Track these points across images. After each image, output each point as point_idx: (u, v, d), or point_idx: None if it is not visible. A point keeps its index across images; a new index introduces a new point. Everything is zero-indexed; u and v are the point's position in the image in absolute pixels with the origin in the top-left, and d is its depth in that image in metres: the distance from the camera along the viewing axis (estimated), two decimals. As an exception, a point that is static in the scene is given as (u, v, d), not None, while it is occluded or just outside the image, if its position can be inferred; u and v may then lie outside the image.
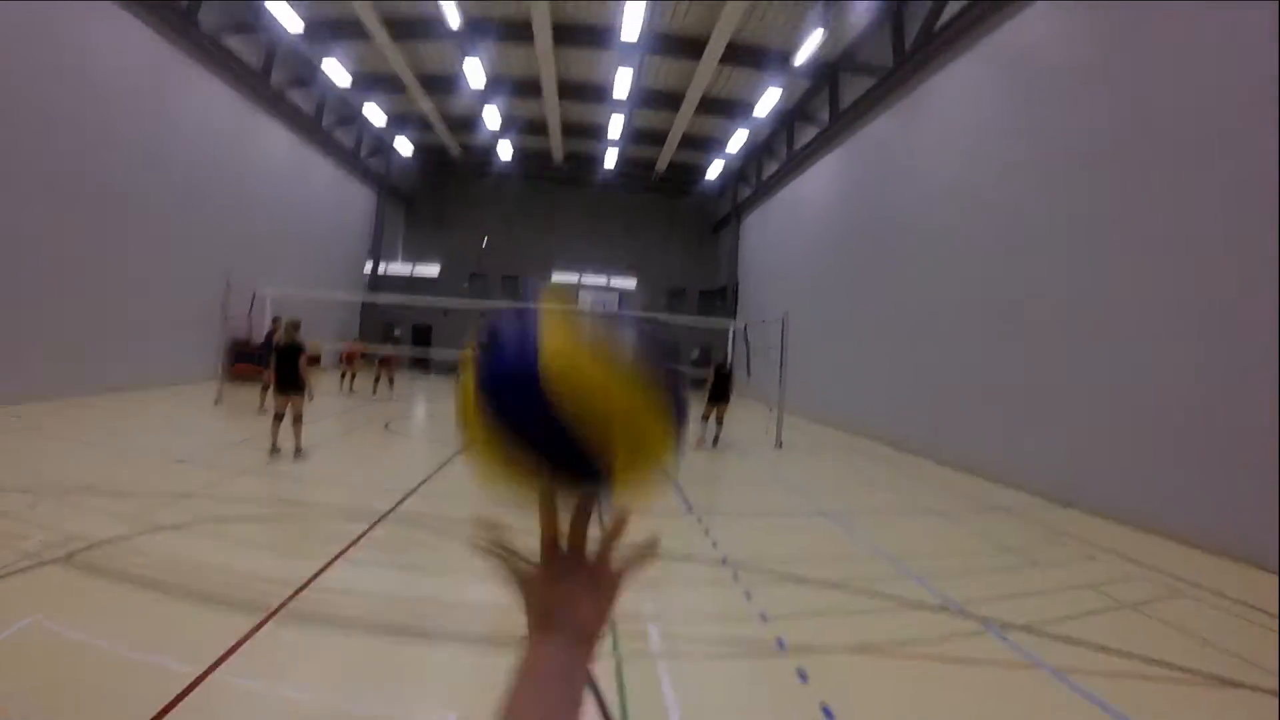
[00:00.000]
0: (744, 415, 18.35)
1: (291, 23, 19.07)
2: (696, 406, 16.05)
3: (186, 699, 3.61)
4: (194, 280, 16.57)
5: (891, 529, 8.44)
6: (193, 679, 3.78)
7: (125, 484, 7.68)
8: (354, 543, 6.32)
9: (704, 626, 5.14)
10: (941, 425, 13.35)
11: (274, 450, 10.05)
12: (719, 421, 14.46)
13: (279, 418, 10.22)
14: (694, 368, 30.14)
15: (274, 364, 10.25)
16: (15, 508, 6.43)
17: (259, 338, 16.54)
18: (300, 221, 24.26)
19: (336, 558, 5.89)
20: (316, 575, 5.42)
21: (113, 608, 4.67)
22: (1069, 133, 10.93)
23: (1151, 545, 8.19)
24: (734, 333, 17.52)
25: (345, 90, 25.05)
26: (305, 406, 10.34)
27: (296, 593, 5.03)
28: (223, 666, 3.96)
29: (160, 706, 3.49)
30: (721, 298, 33.57)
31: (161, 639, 4.25)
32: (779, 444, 14.78)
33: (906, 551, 7.34)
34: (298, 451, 10.08)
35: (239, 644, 4.21)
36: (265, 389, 13.74)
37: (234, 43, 19.03)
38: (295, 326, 10.33)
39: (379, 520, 7.15)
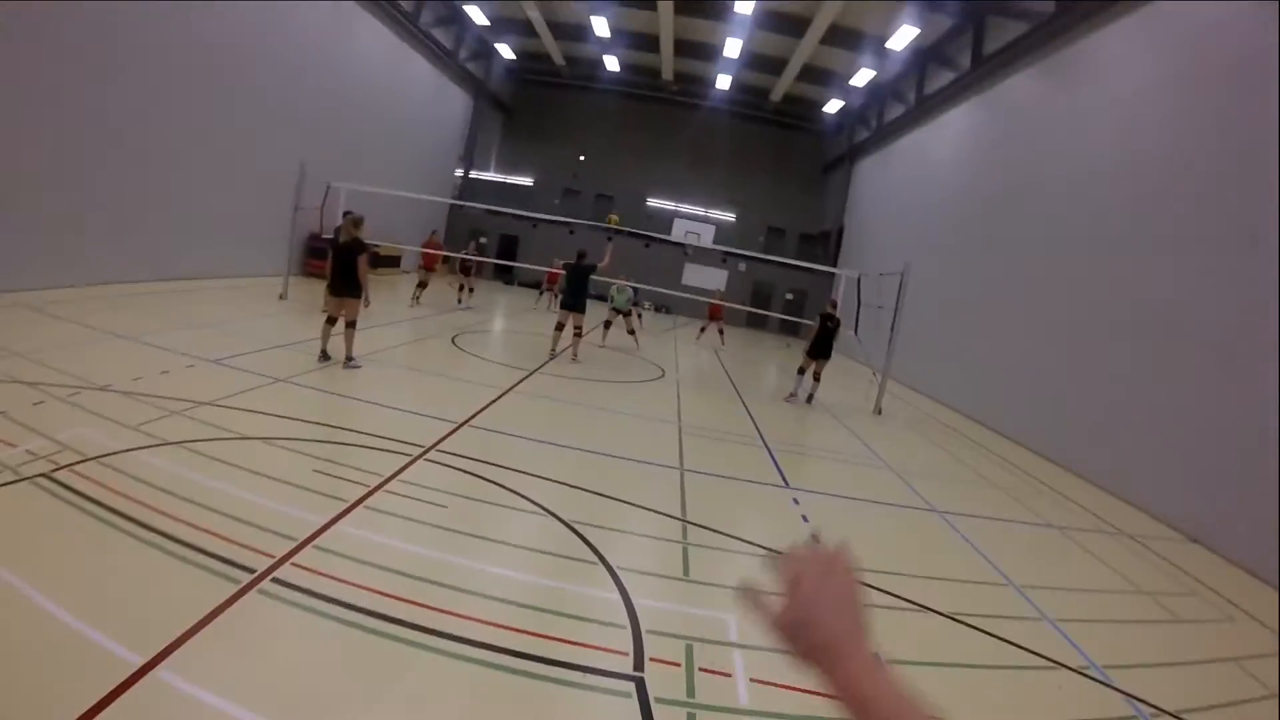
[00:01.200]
0: (842, 377, 16.91)
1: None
2: (797, 355, 14.75)
3: (107, 708, 2.73)
4: (276, 171, 15.74)
5: (1009, 544, 7.10)
6: (125, 678, 2.91)
7: (147, 385, 6.96)
8: (378, 487, 5.39)
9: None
10: (1064, 428, 11.69)
11: (322, 356, 9.28)
12: (816, 378, 13.18)
13: (331, 321, 9.42)
14: (785, 311, 29.03)
15: (330, 262, 9.38)
16: (19, 405, 5.73)
17: (329, 233, 15.64)
18: (391, 121, 23.21)
19: (353, 506, 4.97)
20: (320, 531, 4.50)
21: (71, 553, 3.86)
22: (1250, 128, 8.99)
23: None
24: (845, 283, 15.87)
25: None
26: (361, 312, 9.48)
27: (289, 555, 4.11)
28: (168, 660, 3.05)
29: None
30: (824, 243, 31.60)
31: (112, 608, 3.42)
32: (878, 410, 13.40)
33: (1031, 578, 6.04)
34: (348, 360, 9.28)
35: (198, 626, 3.30)
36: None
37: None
38: (357, 223, 9.38)
39: (416, 458, 6.23)
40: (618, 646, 3.81)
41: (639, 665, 3.66)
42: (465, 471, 6.19)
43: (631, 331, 16.88)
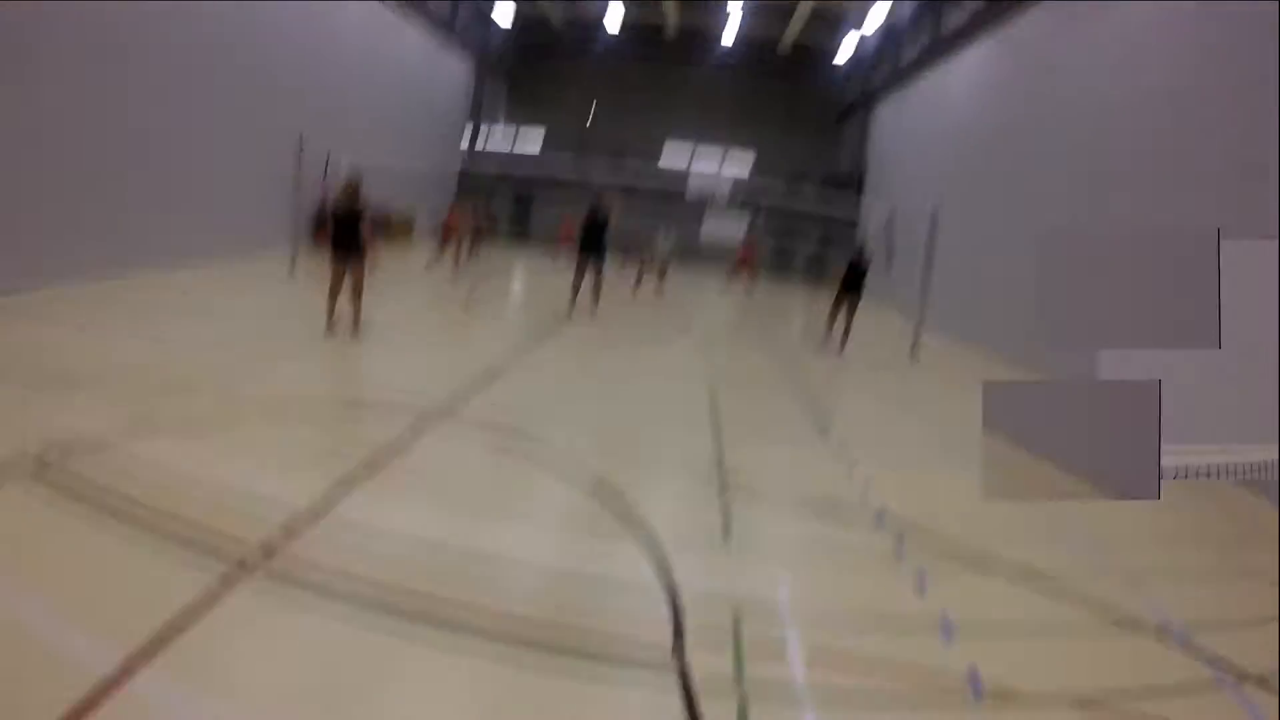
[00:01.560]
0: (873, 324, 16.25)
1: None
2: (824, 304, 14.15)
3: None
4: (278, 150, 15.14)
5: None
6: (99, 685, 2.52)
7: (143, 371, 6.56)
8: (385, 461, 5.02)
9: (868, 636, 3.58)
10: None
11: (329, 328, 8.85)
12: (847, 324, 12.57)
13: (335, 291, 8.93)
14: (808, 261, 28.25)
15: (331, 231, 8.92)
16: (2, 405, 5.32)
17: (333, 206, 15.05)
18: (391, 94, 22.47)
19: (357, 483, 4.59)
20: (320, 512, 4.12)
21: (47, 551, 3.50)
22: None
23: None
24: (874, 225, 15.24)
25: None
26: (368, 279, 8.99)
27: (284, 541, 3.73)
28: (149, 664, 2.68)
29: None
30: (846, 187, 30.71)
31: (89, 608, 3.07)
32: (914, 356, 12.76)
33: (1105, 535, 5.46)
34: (355, 327, 8.86)
35: (182, 623, 2.93)
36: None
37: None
38: (354, 187, 8.88)
39: (427, 426, 5.85)
40: (654, 624, 3.41)
41: (679, 646, 3.25)
42: (481, 438, 5.80)
43: (660, 282, 16.72)
